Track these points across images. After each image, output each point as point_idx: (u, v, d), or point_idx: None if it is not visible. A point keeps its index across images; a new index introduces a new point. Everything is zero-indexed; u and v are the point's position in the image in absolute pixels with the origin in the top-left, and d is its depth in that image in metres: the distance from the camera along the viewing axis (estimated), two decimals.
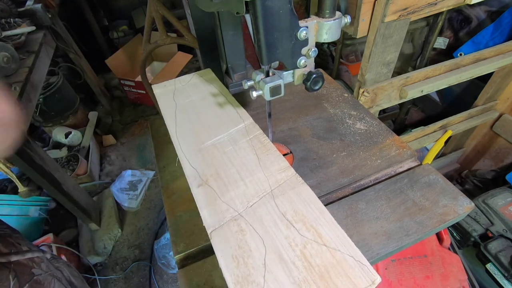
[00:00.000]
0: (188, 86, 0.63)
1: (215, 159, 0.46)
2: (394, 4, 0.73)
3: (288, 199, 0.38)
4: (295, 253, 0.33)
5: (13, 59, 1.11)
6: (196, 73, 0.66)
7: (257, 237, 0.35)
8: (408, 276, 0.89)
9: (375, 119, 0.70)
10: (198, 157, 0.47)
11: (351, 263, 0.32)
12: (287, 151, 0.65)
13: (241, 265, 0.33)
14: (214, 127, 0.52)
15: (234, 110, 0.54)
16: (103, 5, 3.10)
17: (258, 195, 0.40)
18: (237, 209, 0.39)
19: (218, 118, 0.54)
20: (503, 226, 1.14)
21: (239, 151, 0.47)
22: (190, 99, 0.59)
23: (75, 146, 1.99)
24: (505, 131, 1.42)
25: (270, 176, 0.42)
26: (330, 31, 0.45)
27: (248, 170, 0.43)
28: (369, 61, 0.87)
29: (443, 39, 1.70)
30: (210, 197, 0.41)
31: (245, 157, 0.45)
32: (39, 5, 1.49)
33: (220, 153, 0.47)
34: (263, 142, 0.47)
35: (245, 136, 0.49)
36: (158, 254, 1.53)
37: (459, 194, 0.54)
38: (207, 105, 0.57)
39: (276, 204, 0.38)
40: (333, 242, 0.34)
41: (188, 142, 0.50)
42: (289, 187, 0.40)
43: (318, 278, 0.31)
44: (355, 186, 0.58)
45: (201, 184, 0.43)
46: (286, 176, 0.41)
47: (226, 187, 0.42)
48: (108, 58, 2.42)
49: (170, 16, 1.26)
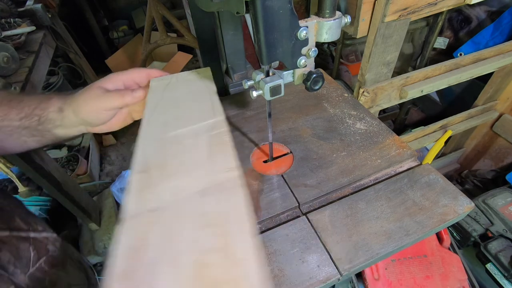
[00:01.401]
0: (181, 81, 0.62)
1: (169, 150, 0.45)
2: (394, 4, 0.73)
3: (217, 200, 0.36)
4: (192, 258, 0.30)
5: (13, 59, 1.11)
6: (195, 71, 0.66)
7: (164, 233, 0.33)
8: (408, 276, 0.89)
9: (375, 119, 0.70)
10: (153, 145, 0.46)
11: (251, 283, 0.28)
12: (287, 151, 0.65)
13: (132, 258, 0.30)
14: (184, 119, 0.51)
15: (211, 105, 0.53)
16: (103, 5, 3.10)
17: (190, 190, 0.38)
18: (162, 201, 0.37)
19: (192, 112, 0.52)
20: (503, 226, 1.14)
21: (195, 145, 0.45)
22: (176, 93, 0.59)
23: (75, 146, 1.99)
24: (505, 131, 1.42)
25: (211, 174, 0.40)
26: (330, 31, 0.45)
27: (193, 165, 0.42)
28: (369, 61, 0.87)
29: (443, 39, 1.70)
30: (143, 185, 0.39)
31: (198, 152, 0.44)
32: (39, 5, 1.49)
33: (176, 144, 0.46)
34: (223, 139, 0.45)
35: (208, 131, 0.47)
36: None
37: (459, 194, 0.54)
38: (189, 99, 0.56)
39: (202, 202, 0.36)
40: (240, 257, 0.30)
41: (152, 131, 0.49)
42: (224, 188, 0.37)
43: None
44: (355, 186, 0.58)
45: (141, 171, 0.42)
46: (227, 177, 0.39)
47: (164, 178, 0.40)
48: (108, 58, 2.43)
49: (170, 16, 1.26)
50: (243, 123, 0.73)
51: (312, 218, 0.52)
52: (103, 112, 0.53)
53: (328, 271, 0.45)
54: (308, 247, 0.48)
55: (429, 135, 1.33)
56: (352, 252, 0.47)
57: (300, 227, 0.51)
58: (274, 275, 0.45)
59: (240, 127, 0.72)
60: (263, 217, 0.53)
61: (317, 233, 0.50)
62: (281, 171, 0.61)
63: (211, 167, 0.40)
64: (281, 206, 0.54)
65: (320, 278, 0.44)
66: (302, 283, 0.44)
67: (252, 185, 0.58)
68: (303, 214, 0.53)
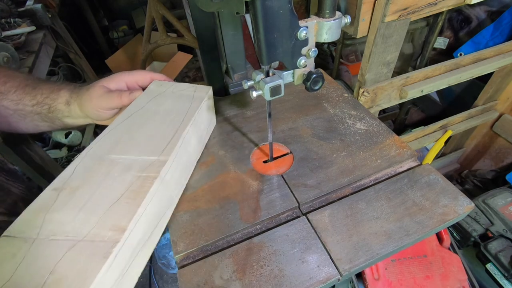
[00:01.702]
0: (174, 95, 0.59)
1: (95, 175, 0.43)
2: (394, 4, 0.73)
3: (74, 256, 0.34)
4: None
5: (13, 59, 1.11)
6: (195, 86, 0.63)
7: (26, 266, 0.33)
8: (408, 276, 0.89)
9: (375, 119, 0.70)
10: (88, 163, 0.45)
11: None
12: (287, 151, 0.65)
13: None
14: (134, 144, 0.48)
15: (170, 139, 0.50)
16: (103, 5, 3.10)
17: (63, 235, 0.35)
18: (39, 233, 0.35)
19: (148, 139, 0.50)
20: (503, 226, 1.14)
21: (117, 181, 0.42)
22: (157, 108, 0.56)
23: (75, 146, 1.99)
24: (505, 131, 1.42)
25: (96, 226, 0.37)
26: (330, 31, 0.45)
27: (95, 205, 0.39)
28: (369, 61, 0.87)
29: (443, 39, 1.70)
30: (43, 206, 0.38)
31: (112, 191, 0.41)
32: (39, 5, 1.49)
33: (106, 171, 0.44)
34: (143, 188, 0.41)
35: (140, 171, 0.44)
36: (158, 254, 1.53)
37: (459, 194, 0.54)
38: (160, 121, 0.53)
39: (61, 252, 0.34)
40: None
41: (100, 145, 0.48)
42: (90, 247, 0.34)
43: None
44: (355, 186, 0.58)
45: (54, 189, 0.41)
46: (102, 238, 0.36)
47: (63, 207, 0.38)
48: (108, 58, 2.43)
49: (170, 16, 1.26)
50: (243, 123, 0.73)
51: (312, 218, 0.52)
52: (103, 111, 0.54)
53: (328, 271, 0.45)
54: (308, 247, 0.48)
55: (429, 135, 1.33)
56: (352, 252, 0.47)
57: (300, 227, 0.51)
58: (274, 275, 0.45)
59: (240, 127, 0.72)
60: (263, 217, 0.53)
61: (317, 233, 0.50)
62: (281, 171, 0.61)
63: (104, 220, 0.38)
64: (281, 206, 0.54)
65: (320, 278, 0.44)
66: (302, 283, 0.44)
67: (252, 185, 0.58)
68: (303, 214, 0.53)
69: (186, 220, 0.53)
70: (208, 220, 0.53)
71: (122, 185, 0.42)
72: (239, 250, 0.49)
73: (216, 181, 0.60)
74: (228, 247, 0.50)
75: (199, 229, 0.52)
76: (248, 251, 0.48)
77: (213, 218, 0.53)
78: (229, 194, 0.57)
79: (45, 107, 0.54)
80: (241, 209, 0.54)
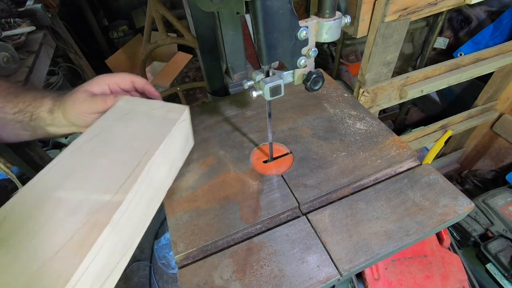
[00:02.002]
0: (145, 115, 0.51)
1: (33, 220, 0.35)
2: (394, 4, 0.73)
3: None
4: None
5: (13, 59, 1.11)
6: (169, 105, 0.53)
7: None
8: (408, 276, 0.89)
9: (375, 119, 0.70)
10: (28, 202, 0.37)
11: None
12: (287, 151, 0.65)
13: None
14: (88, 178, 0.41)
15: (130, 173, 0.41)
16: (103, 5, 3.10)
17: None
18: None
19: (105, 172, 0.42)
20: (503, 226, 1.14)
21: (60, 226, 0.35)
22: (123, 131, 0.48)
23: None
24: (505, 131, 1.42)
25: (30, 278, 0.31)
26: (330, 31, 0.45)
27: (25, 263, 0.32)
28: (369, 61, 0.87)
29: (443, 39, 1.70)
30: None
31: (55, 236, 0.34)
32: (39, 5, 1.49)
33: (47, 215, 0.36)
34: (87, 238, 0.34)
35: (91, 213, 0.36)
36: (158, 254, 1.53)
37: (459, 194, 0.54)
38: (123, 149, 0.45)
39: None
40: None
41: (48, 178, 0.41)
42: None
43: None
44: (355, 186, 0.58)
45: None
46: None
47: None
48: (108, 58, 2.42)
49: (170, 16, 1.26)
50: (243, 123, 0.73)
51: (312, 218, 0.52)
52: (87, 115, 0.52)
53: (328, 271, 0.45)
54: (308, 247, 0.48)
55: (429, 135, 1.33)
56: (352, 252, 0.47)
57: (300, 227, 0.51)
58: (274, 275, 0.45)
59: (240, 127, 0.72)
60: (263, 217, 0.53)
61: (317, 233, 0.50)
62: (281, 171, 0.61)
63: (34, 279, 0.31)
64: (281, 206, 0.54)
65: (320, 278, 0.44)
66: (302, 283, 0.44)
67: (252, 185, 0.58)
68: (303, 214, 0.53)
69: (186, 220, 0.53)
70: (208, 220, 0.53)
71: (64, 233, 0.34)
72: (239, 250, 0.49)
73: (216, 181, 0.60)
74: (228, 247, 0.50)
75: (199, 229, 0.52)
76: (248, 251, 0.48)
77: (213, 218, 0.53)
78: (229, 194, 0.57)
79: (27, 115, 0.52)
80: (241, 209, 0.54)
